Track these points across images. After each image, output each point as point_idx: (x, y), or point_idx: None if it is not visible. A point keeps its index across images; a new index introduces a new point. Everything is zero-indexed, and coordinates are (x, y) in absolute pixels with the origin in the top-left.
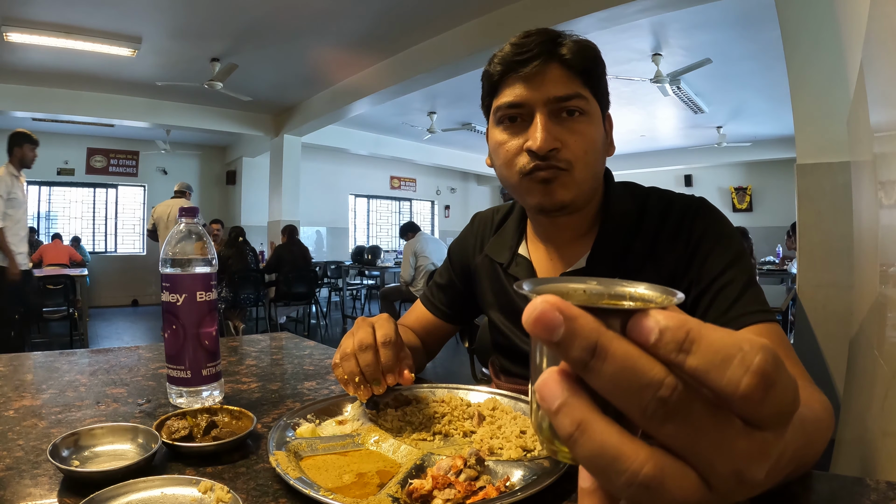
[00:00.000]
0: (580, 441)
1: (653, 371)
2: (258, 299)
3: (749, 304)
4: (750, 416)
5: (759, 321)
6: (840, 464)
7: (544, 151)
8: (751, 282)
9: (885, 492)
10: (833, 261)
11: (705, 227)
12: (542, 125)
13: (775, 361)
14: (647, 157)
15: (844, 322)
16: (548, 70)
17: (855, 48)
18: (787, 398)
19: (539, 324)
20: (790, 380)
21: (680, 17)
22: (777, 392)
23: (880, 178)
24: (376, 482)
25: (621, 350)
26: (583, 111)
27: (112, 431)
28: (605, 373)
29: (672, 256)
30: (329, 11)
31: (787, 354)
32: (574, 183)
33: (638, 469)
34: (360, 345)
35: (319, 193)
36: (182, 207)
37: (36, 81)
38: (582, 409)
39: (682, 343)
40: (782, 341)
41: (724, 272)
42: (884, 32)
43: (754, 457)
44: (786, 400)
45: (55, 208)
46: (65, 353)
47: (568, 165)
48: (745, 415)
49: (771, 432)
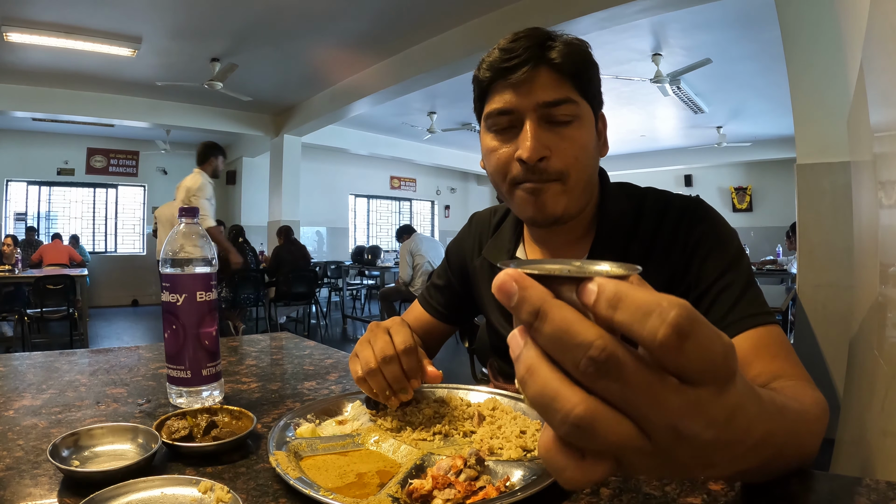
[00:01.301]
0: (528, 382)
1: (584, 334)
2: (258, 299)
3: (747, 307)
4: (676, 368)
5: (759, 324)
6: (840, 464)
7: (534, 161)
8: (749, 284)
9: (885, 492)
10: (833, 261)
11: (703, 230)
12: (531, 133)
13: (690, 316)
14: (647, 157)
15: (844, 322)
16: (537, 75)
17: (855, 48)
18: (711, 354)
19: (500, 291)
20: (712, 337)
21: (680, 17)
22: (694, 345)
23: (880, 178)
24: (376, 482)
25: (560, 315)
26: (574, 116)
27: (112, 431)
28: (545, 333)
29: (670, 259)
30: (329, 11)
31: (785, 356)
32: (565, 192)
33: (570, 409)
34: (384, 358)
35: (319, 193)
36: (182, 207)
37: (36, 81)
38: (532, 357)
39: (612, 301)
40: (782, 343)
41: (723, 275)
42: (884, 32)
43: (688, 412)
44: (709, 355)
45: (55, 208)
46: (65, 353)
47: (559, 175)
48: (671, 367)
49: (706, 390)
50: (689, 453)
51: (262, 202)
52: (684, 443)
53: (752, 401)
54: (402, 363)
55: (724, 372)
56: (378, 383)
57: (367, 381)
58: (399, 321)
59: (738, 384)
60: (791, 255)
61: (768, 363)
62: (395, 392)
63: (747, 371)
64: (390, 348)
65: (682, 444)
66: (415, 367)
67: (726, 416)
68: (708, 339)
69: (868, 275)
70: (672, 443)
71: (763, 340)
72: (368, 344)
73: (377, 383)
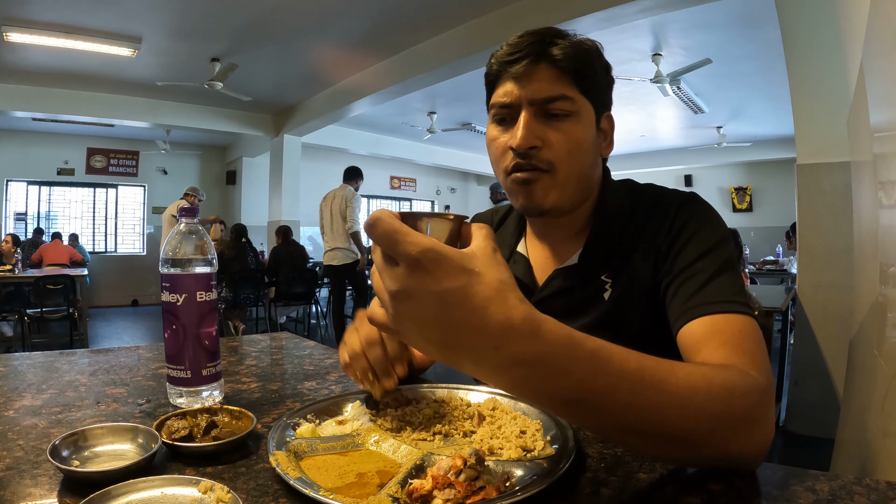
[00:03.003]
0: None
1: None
2: (258, 299)
3: (713, 294)
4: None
5: (720, 311)
6: (840, 464)
7: (523, 149)
8: (720, 272)
9: (885, 492)
10: (833, 261)
11: (688, 218)
12: (524, 123)
13: (379, 216)
14: (647, 157)
15: (844, 322)
16: (536, 70)
17: (855, 48)
18: (385, 240)
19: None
20: (387, 229)
21: (680, 17)
22: (376, 230)
23: (880, 178)
24: (376, 482)
25: (380, 227)
26: (569, 112)
27: (112, 431)
28: (374, 236)
29: (655, 246)
30: (329, 11)
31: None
32: (555, 185)
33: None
34: (367, 340)
35: (319, 193)
36: (182, 207)
37: (36, 81)
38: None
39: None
40: (740, 333)
41: (696, 262)
42: (884, 32)
43: (389, 282)
44: (384, 241)
45: (55, 208)
46: (65, 353)
47: (549, 166)
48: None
49: (399, 269)
50: (411, 323)
51: (262, 202)
52: (402, 312)
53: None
54: (385, 347)
55: (397, 256)
56: (362, 366)
57: (352, 366)
58: None
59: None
60: (791, 255)
61: (715, 350)
62: (378, 377)
63: (695, 356)
64: (374, 332)
65: (396, 310)
66: (398, 351)
67: (429, 293)
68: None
69: (868, 275)
70: (389, 309)
71: (718, 327)
72: (355, 331)
73: (361, 366)
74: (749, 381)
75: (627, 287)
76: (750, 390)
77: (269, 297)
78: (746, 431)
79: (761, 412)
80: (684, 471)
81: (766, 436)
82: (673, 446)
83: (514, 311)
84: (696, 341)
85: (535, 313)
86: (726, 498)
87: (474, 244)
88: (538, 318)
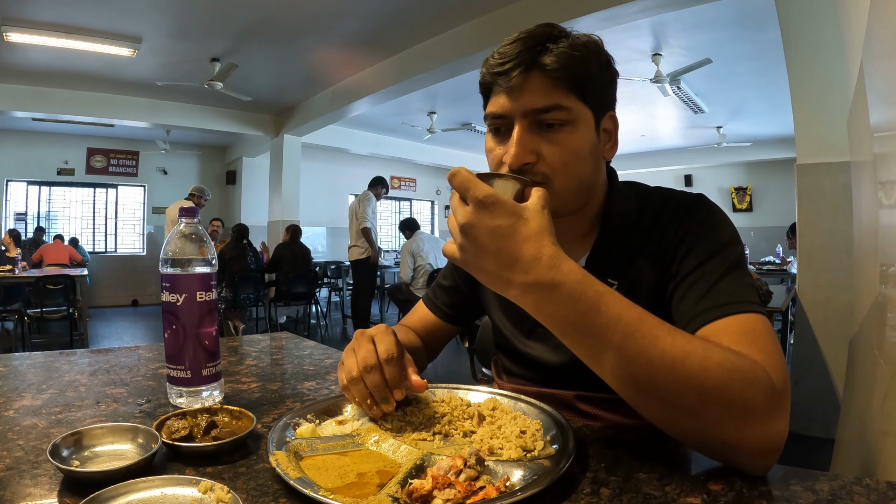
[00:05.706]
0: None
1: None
2: (258, 299)
3: (718, 297)
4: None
5: (727, 314)
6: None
7: (516, 167)
8: (725, 274)
9: (885, 492)
10: (833, 261)
11: (695, 222)
12: (516, 139)
13: (459, 170)
14: (647, 157)
15: (844, 322)
16: (528, 81)
17: (855, 48)
18: (461, 186)
19: (451, 173)
20: (463, 178)
21: (680, 17)
22: (455, 179)
23: (880, 178)
24: (376, 482)
25: (459, 177)
26: (564, 122)
27: (112, 431)
28: (453, 183)
29: (661, 249)
30: (329, 11)
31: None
32: (553, 196)
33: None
34: (365, 367)
35: (319, 193)
36: (182, 207)
37: (36, 81)
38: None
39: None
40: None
41: (701, 265)
42: (884, 32)
43: (459, 217)
44: (461, 187)
45: (55, 208)
46: (65, 353)
47: (545, 179)
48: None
49: (468, 208)
50: (471, 252)
51: (262, 202)
52: (466, 242)
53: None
54: (384, 372)
55: (466, 195)
56: (360, 392)
57: (351, 390)
58: (384, 329)
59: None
60: (791, 255)
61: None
62: (376, 401)
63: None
64: (373, 357)
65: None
66: (397, 377)
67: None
68: (461, 179)
69: (868, 275)
70: (461, 243)
71: (731, 328)
72: (353, 352)
73: (359, 392)
74: (758, 374)
75: (633, 289)
76: (755, 382)
77: (269, 297)
78: (744, 421)
79: (765, 408)
80: (684, 471)
81: (772, 435)
82: (664, 409)
83: (545, 249)
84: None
85: (560, 253)
86: (726, 498)
87: (529, 200)
88: (561, 256)
